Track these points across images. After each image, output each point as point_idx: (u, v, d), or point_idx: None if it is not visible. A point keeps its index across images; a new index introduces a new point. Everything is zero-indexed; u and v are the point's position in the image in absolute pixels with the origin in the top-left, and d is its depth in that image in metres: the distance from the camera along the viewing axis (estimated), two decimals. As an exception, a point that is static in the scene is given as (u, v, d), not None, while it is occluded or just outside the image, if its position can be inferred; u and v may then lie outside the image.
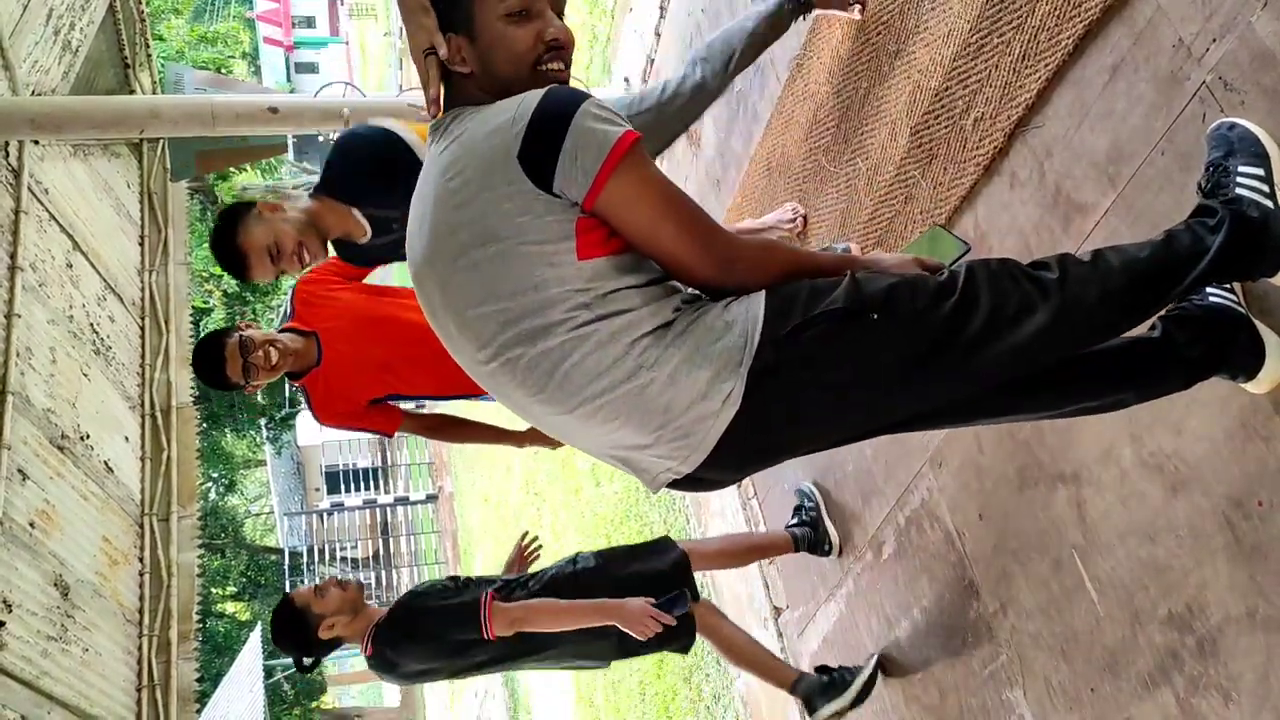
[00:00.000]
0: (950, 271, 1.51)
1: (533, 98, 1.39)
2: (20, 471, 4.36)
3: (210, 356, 2.93)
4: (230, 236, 2.69)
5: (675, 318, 1.44)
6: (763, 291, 1.44)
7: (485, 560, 12.07)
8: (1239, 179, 1.65)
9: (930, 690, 2.79)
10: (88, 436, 5.05)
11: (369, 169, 2.61)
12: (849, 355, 1.43)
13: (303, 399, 3.27)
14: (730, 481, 1.64)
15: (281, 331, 3.06)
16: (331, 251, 2.88)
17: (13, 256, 4.64)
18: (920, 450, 2.78)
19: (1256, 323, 1.72)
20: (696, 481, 1.53)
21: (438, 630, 2.76)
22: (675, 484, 1.53)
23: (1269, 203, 1.62)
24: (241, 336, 2.92)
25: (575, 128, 1.35)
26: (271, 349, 2.92)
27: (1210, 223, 1.59)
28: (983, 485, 2.52)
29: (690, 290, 1.50)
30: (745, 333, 1.40)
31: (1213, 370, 1.72)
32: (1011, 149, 2.35)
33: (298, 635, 2.85)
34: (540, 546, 3.26)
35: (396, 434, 3.41)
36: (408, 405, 3.49)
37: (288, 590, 3.29)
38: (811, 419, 1.48)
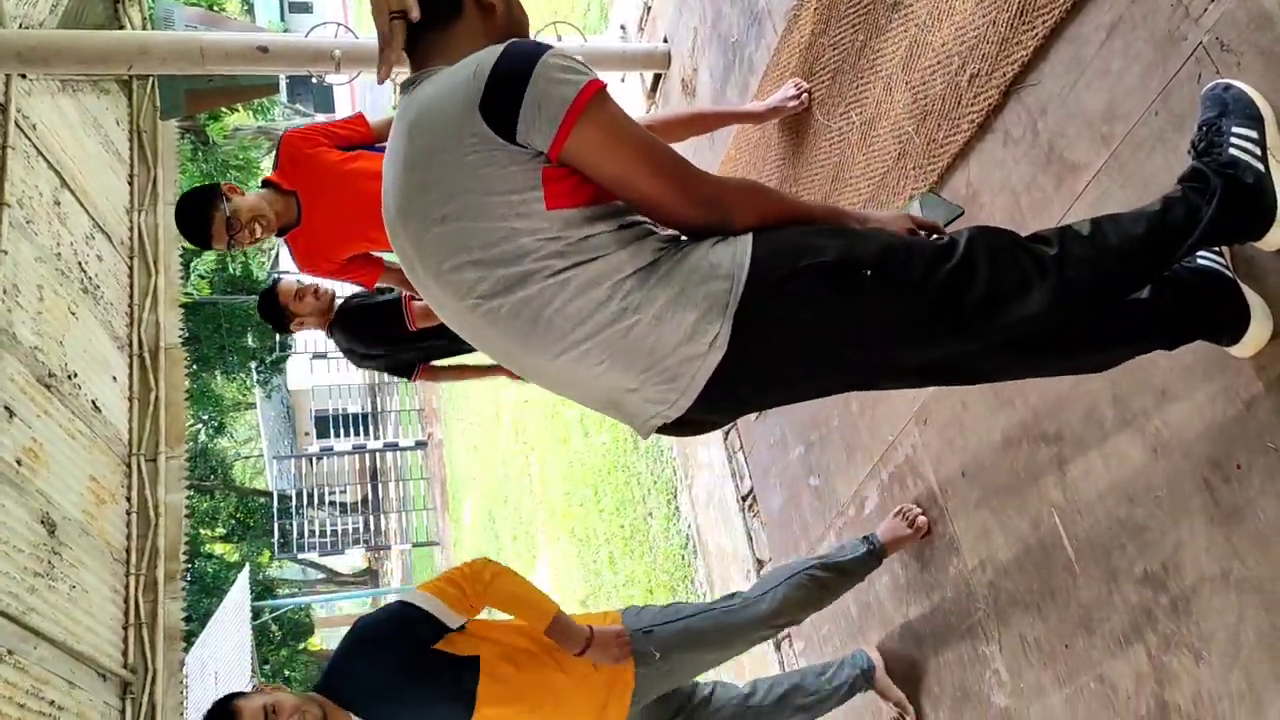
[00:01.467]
0: (950, 237, 1.51)
1: (494, 51, 1.37)
2: (7, 409, 4.35)
3: (196, 221, 3.00)
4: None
5: (657, 258, 1.42)
6: (750, 234, 1.42)
7: (473, 508, 12.14)
8: (1232, 140, 1.64)
9: (907, 643, 2.83)
10: (75, 375, 5.04)
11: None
12: (837, 310, 1.42)
13: (282, 244, 3.40)
14: (720, 424, 1.62)
15: (264, 185, 3.12)
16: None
17: (0, 193, 4.59)
18: (905, 407, 2.79)
19: (1243, 286, 1.72)
20: (685, 425, 1.52)
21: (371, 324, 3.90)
22: (664, 429, 1.52)
23: (1261, 165, 1.61)
24: (229, 209, 2.96)
25: (538, 76, 1.33)
26: (256, 225, 3.01)
27: (1205, 190, 1.59)
28: (966, 443, 2.54)
29: (668, 231, 1.48)
30: (731, 276, 1.38)
31: (1198, 332, 1.73)
32: (1006, 106, 2.33)
33: (275, 319, 3.87)
34: None
35: (377, 283, 3.48)
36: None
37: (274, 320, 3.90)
38: (797, 369, 1.49)
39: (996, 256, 1.48)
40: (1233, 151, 1.62)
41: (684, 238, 1.48)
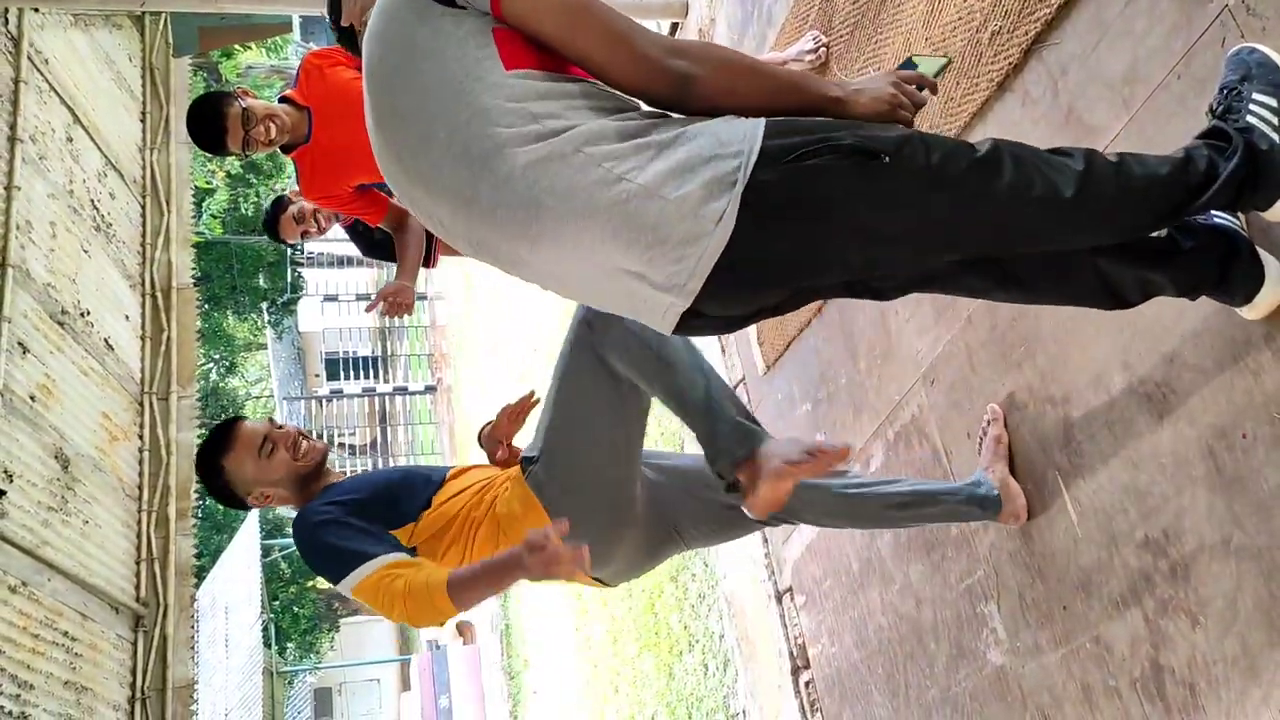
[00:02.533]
0: (974, 144, 1.45)
1: None
2: (20, 344, 4.39)
3: (210, 122, 2.95)
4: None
5: (647, 125, 1.35)
6: (762, 118, 1.35)
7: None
8: (1251, 105, 1.62)
9: (907, 600, 2.86)
10: (88, 313, 5.07)
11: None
12: (855, 193, 1.35)
13: (293, 176, 3.35)
14: (738, 323, 1.54)
15: (280, 100, 3.09)
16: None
17: (12, 128, 4.59)
18: (913, 367, 2.79)
19: (1259, 248, 1.71)
20: (703, 322, 1.44)
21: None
22: (685, 328, 1.43)
23: (1276, 135, 1.60)
24: (244, 107, 2.92)
25: None
26: (271, 124, 2.96)
27: (1224, 148, 1.58)
28: (973, 404, 2.54)
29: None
30: (741, 153, 1.30)
31: (1211, 285, 1.69)
32: (1026, 65, 2.30)
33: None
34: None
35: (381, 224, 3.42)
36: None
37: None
38: (808, 253, 1.39)
39: (1022, 162, 1.44)
40: (1250, 119, 1.61)
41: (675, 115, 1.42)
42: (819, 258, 1.40)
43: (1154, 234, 1.66)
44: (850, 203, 1.36)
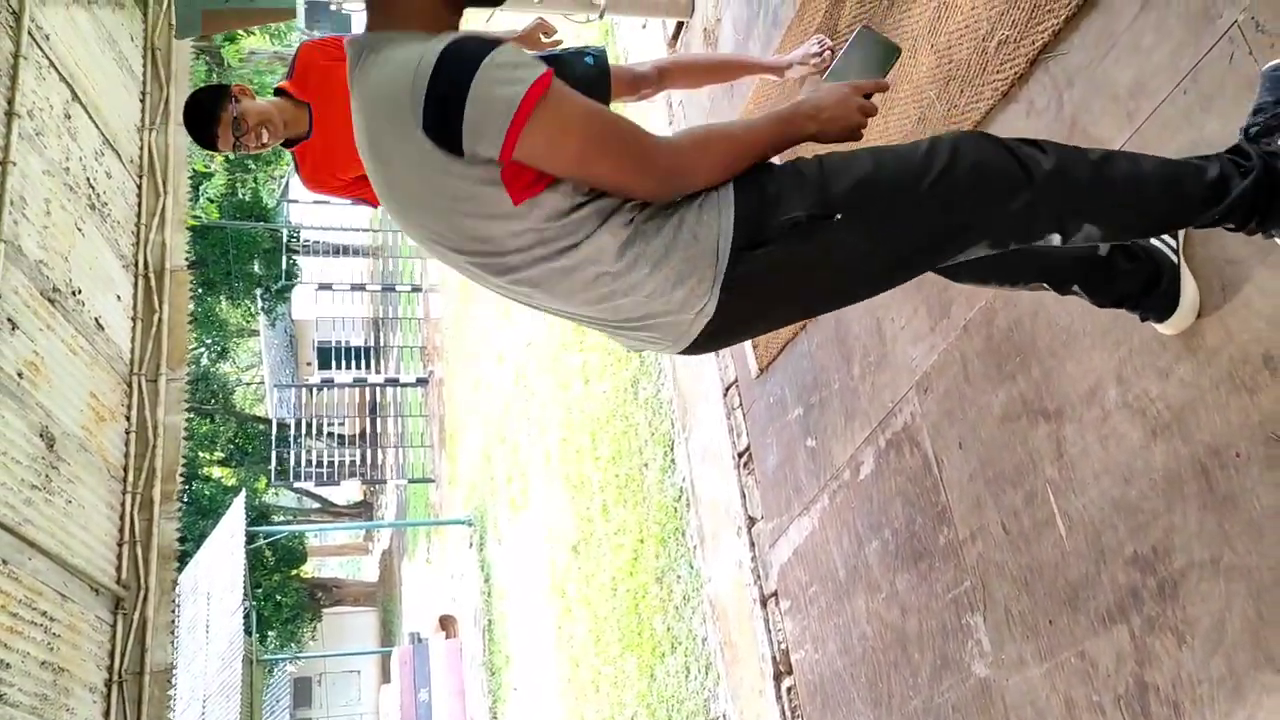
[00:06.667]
0: (930, 141, 1.49)
1: (430, 56, 1.31)
2: (10, 321, 4.36)
3: (204, 120, 2.94)
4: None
5: (637, 231, 1.43)
6: (731, 192, 1.44)
7: (471, 447, 12.20)
8: None
9: (893, 609, 2.84)
10: (79, 292, 5.04)
11: None
12: (817, 260, 1.46)
13: (291, 168, 3.32)
14: (723, 347, 1.76)
15: (277, 93, 3.06)
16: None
17: (10, 102, 4.55)
18: (907, 374, 2.78)
19: (1183, 271, 1.81)
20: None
21: None
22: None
23: None
24: (237, 110, 2.91)
25: (476, 90, 1.29)
26: (264, 130, 2.94)
27: (1242, 165, 1.59)
28: (966, 414, 2.53)
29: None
30: (715, 250, 1.42)
31: (1133, 302, 1.84)
32: (1032, 76, 2.29)
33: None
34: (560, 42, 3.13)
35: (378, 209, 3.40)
36: None
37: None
38: (782, 309, 1.59)
39: (981, 168, 1.47)
40: None
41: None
42: (792, 311, 1.65)
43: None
44: (812, 271, 1.47)
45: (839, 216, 1.42)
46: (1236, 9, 1.79)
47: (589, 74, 2.53)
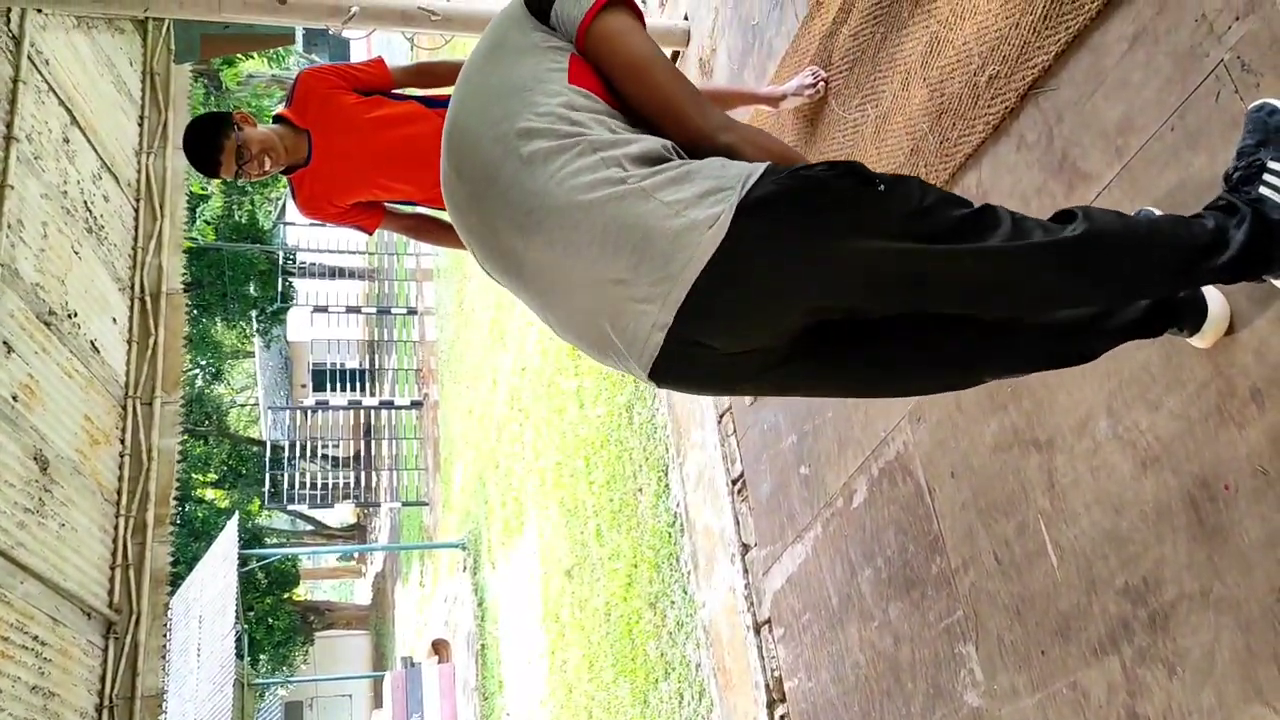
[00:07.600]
0: (968, 201, 1.51)
1: None
2: (5, 344, 4.36)
3: (205, 148, 2.95)
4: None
5: (665, 154, 1.47)
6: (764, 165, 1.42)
7: (464, 471, 12.19)
8: (1266, 175, 1.61)
9: (885, 638, 2.85)
10: (75, 315, 5.05)
11: None
12: (846, 209, 1.39)
13: (288, 191, 3.32)
14: (707, 385, 1.56)
15: (276, 120, 3.08)
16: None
17: (9, 126, 4.58)
18: (900, 404, 2.79)
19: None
20: (693, 351, 1.41)
21: None
22: (663, 359, 1.40)
23: None
24: (240, 138, 2.92)
25: None
26: (266, 158, 2.95)
27: (1232, 215, 1.58)
28: (958, 443, 2.54)
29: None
30: (741, 176, 1.38)
31: (1162, 324, 1.77)
32: (1023, 110, 2.32)
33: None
34: None
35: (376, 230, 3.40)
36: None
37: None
38: (792, 271, 1.38)
39: (1021, 227, 1.48)
40: (1263, 189, 1.60)
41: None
42: (799, 280, 1.38)
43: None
44: (839, 222, 1.38)
45: (881, 187, 1.42)
46: (1223, 48, 1.82)
47: None
